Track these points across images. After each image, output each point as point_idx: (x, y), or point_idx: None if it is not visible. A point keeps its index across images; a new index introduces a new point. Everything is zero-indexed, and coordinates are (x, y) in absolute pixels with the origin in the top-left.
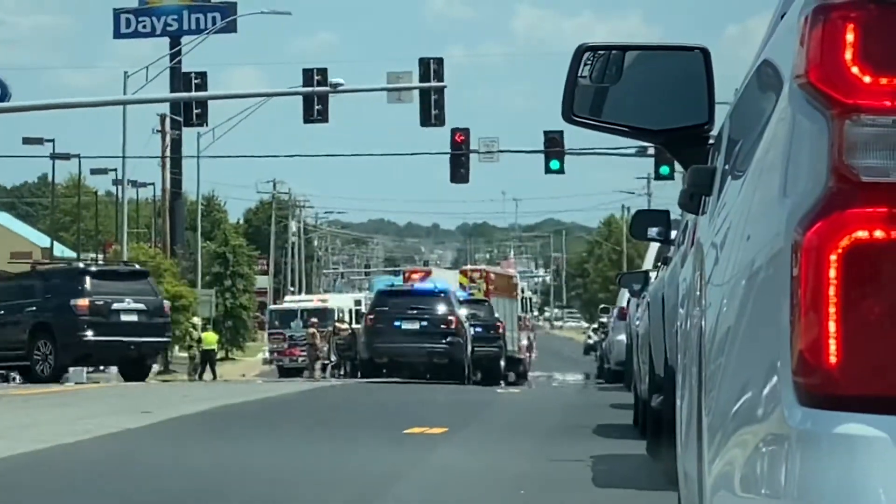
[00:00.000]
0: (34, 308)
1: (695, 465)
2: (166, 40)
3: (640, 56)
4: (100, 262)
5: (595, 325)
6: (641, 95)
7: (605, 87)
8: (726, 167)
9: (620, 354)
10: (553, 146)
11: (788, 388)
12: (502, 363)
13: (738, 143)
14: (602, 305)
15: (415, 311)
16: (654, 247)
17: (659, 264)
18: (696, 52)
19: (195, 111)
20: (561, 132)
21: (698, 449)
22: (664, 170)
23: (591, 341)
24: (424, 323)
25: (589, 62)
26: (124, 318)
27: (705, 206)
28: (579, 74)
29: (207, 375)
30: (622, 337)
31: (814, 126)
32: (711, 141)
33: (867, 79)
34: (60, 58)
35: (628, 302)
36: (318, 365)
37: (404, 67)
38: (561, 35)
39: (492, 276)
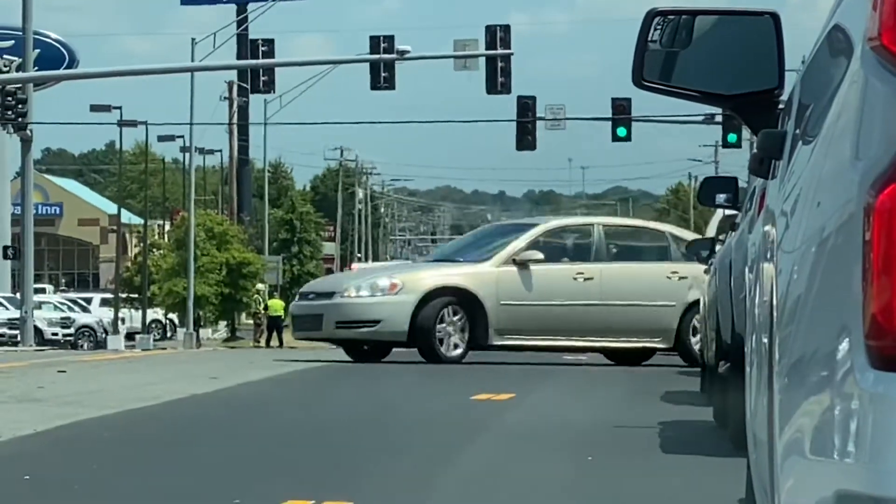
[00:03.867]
0: None
1: (765, 431)
2: (233, 7)
3: (710, 21)
4: None
5: None
6: (711, 60)
7: (675, 52)
8: (797, 132)
9: None
10: (620, 113)
11: (860, 351)
12: None
13: (808, 107)
14: None
15: None
16: (717, 215)
17: (728, 231)
18: (767, 16)
19: (262, 78)
20: (628, 99)
21: (769, 414)
22: (731, 137)
23: None
24: None
25: (659, 27)
26: None
27: (775, 171)
28: (649, 39)
29: (274, 342)
30: None
31: (887, 89)
32: (781, 106)
33: None
34: (124, 24)
35: None
36: None
37: (470, 35)
38: (623, 2)
39: None
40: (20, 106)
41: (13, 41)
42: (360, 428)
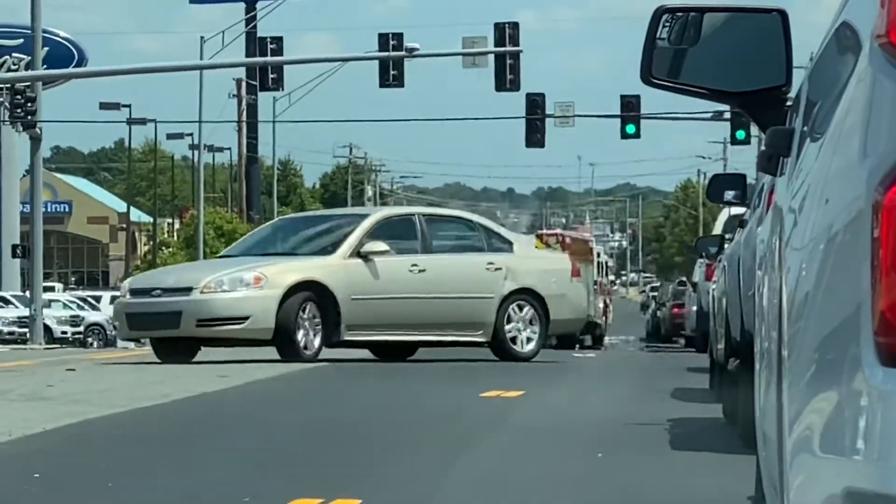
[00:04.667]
0: None
1: (775, 428)
2: (241, 5)
3: (718, 18)
4: None
5: (653, 286)
6: (719, 57)
7: (684, 49)
8: (805, 129)
9: (692, 323)
10: (629, 110)
11: (869, 348)
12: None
13: (816, 104)
14: (680, 279)
15: None
16: (723, 214)
17: (736, 230)
18: (774, 13)
19: (271, 76)
20: (637, 96)
21: (778, 411)
22: (740, 134)
23: (644, 299)
24: None
25: (667, 24)
26: None
27: (783, 168)
28: (657, 36)
29: None
30: (695, 308)
31: (894, 86)
32: (789, 103)
33: None
34: (133, 22)
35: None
36: None
37: (479, 32)
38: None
39: (568, 240)
40: (29, 104)
41: (22, 39)
42: (369, 426)
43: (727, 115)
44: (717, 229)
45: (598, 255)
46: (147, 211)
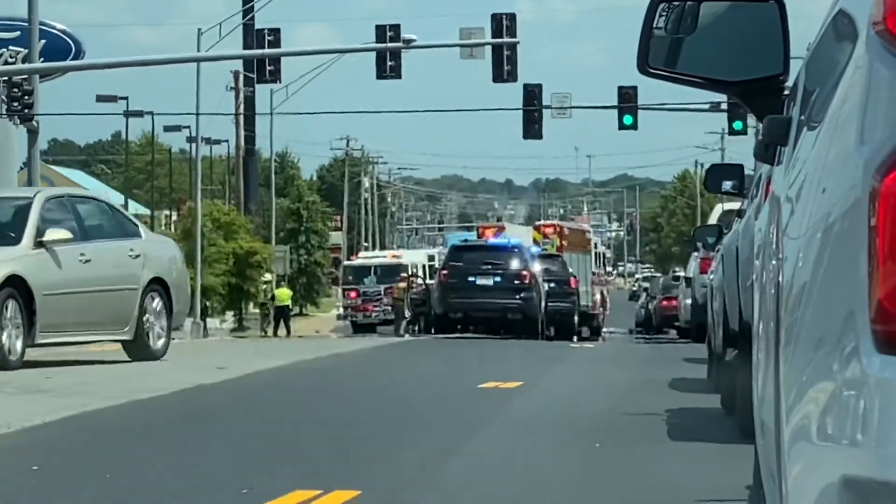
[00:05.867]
0: None
1: (772, 417)
2: None
3: (714, 7)
4: None
5: (645, 276)
6: (716, 46)
7: (681, 39)
8: (802, 118)
9: (687, 315)
10: (626, 101)
11: (867, 336)
12: (576, 318)
13: (813, 93)
14: (674, 272)
15: (489, 267)
16: (718, 208)
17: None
18: (772, 3)
19: (268, 68)
20: (634, 87)
21: (776, 400)
22: (737, 125)
23: (635, 288)
24: (498, 278)
25: (664, 13)
26: None
27: (781, 157)
28: (654, 26)
29: (281, 331)
30: (689, 300)
31: (891, 73)
32: (787, 92)
33: None
34: (130, 14)
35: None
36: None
37: (476, 23)
38: None
39: (565, 231)
40: (26, 97)
41: (19, 32)
42: (367, 418)
43: (725, 106)
44: (713, 221)
45: (596, 245)
46: (144, 203)
